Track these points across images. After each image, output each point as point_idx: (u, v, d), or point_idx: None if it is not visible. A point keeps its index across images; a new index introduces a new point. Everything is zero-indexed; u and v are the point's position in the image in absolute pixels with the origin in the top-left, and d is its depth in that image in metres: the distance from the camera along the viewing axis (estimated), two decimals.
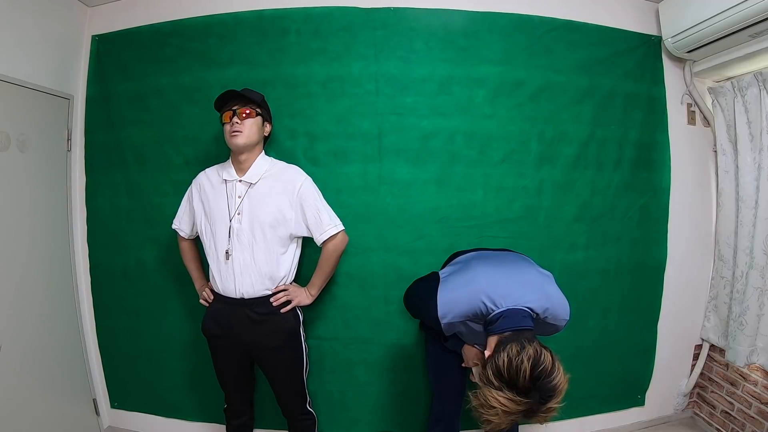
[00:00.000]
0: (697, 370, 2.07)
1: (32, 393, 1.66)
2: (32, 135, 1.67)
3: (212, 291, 1.53)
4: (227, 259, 1.41)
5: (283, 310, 1.48)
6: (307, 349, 1.58)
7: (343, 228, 1.52)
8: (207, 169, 1.55)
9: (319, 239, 1.49)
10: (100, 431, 1.99)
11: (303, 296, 1.54)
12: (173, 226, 1.60)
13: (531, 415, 0.98)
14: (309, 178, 1.52)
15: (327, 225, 1.48)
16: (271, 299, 1.46)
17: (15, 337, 1.58)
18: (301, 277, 1.62)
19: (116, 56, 1.86)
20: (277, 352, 1.49)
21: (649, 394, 2.04)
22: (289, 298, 1.49)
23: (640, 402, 2.04)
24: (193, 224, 1.56)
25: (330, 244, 1.49)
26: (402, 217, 1.77)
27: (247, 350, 1.50)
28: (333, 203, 1.65)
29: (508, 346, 1.01)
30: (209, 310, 1.53)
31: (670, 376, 2.07)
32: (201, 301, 1.59)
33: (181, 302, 1.87)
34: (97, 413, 1.99)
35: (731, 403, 1.94)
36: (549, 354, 1.01)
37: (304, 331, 1.58)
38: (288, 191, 1.46)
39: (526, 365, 0.97)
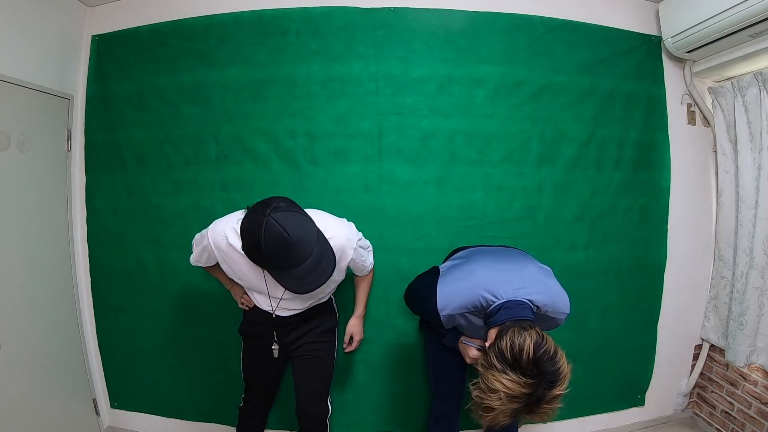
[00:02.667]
0: (697, 370, 2.07)
1: (32, 393, 1.66)
2: (32, 135, 1.67)
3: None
4: (273, 317, 1.39)
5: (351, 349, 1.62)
6: (337, 352, 1.58)
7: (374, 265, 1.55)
8: (226, 233, 1.21)
9: (361, 275, 1.52)
10: (100, 431, 1.99)
11: (360, 326, 1.63)
12: (193, 264, 1.40)
13: (535, 404, 0.95)
14: (355, 244, 1.31)
15: (369, 264, 1.48)
16: (346, 349, 1.60)
17: (15, 337, 1.58)
18: None
19: (116, 56, 1.86)
20: (315, 346, 1.48)
21: (649, 394, 2.04)
22: (359, 338, 1.61)
23: (640, 402, 2.04)
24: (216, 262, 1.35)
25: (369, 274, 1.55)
26: (402, 217, 1.77)
27: (287, 347, 1.46)
28: (333, 203, 1.66)
29: (510, 330, 1.01)
30: (248, 314, 1.51)
31: (670, 376, 2.07)
32: (241, 306, 1.53)
33: (182, 302, 1.86)
34: (97, 413, 1.99)
35: (731, 403, 1.94)
36: (551, 340, 1.00)
37: (338, 330, 1.60)
38: (340, 268, 1.31)
39: (529, 344, 0.96)
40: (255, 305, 1.44)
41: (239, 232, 1.14)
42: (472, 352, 1.28)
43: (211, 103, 1.78)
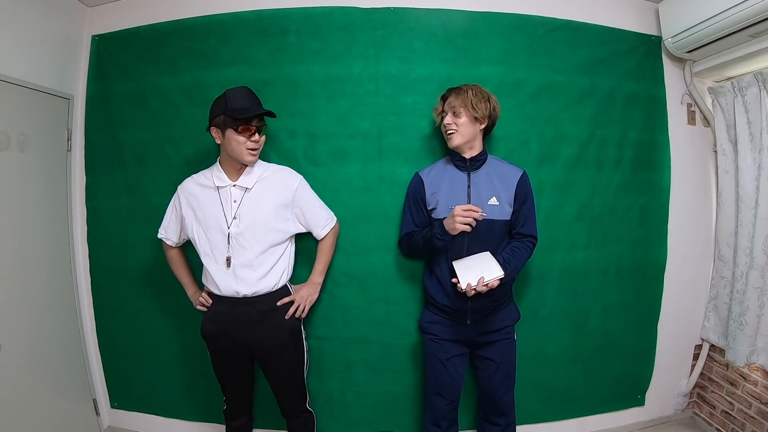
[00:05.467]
0: (697, 370, 2.07)
1: (32, 393, 1.66)
2: (32, 135, 1.67)
3: (209, 294, 1.53)
4: (228, 266, 1.42)
5: (304, 316, 1.55)
6: (308, 347, 1.59)
7: (336, 218, 1.64)
8: (193, 176, 1.53)
9: (320, 235, 1.57)
10: (100, 431, 1.99)
11: (311, 291, 1.59)
12: (159, 236, 1.59)
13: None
14: (302, 178, 1.55)
15: (326, 221, 1.57)
16: (286, 316, 1.49)
17: (15, 337, 1.58)
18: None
19: (116, 56, 1.86)
20: (278, 350, 1.49)
21: (649, 394, 2.04)
22: (301, 305, 1.53)
23: (640, 402, 2.05)
24: (181, 232, 1.55)
25: (329, 235, 1.59)
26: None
27: (249, 350, 1.50)
28: (333, 203, 1.66)
29: None
30: (208, 312, 1.52)
31: (670, 376, 2.07)
32: (198, 307, 1.57)
33: (181, 302, 1.85)
34: (97, 413, 1.99)
35: (731, 403, 1.94)
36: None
37: (305, 328, 1.59)
38: (285, 193, 1.48)
39: None
40: (213, 302, 1.50)
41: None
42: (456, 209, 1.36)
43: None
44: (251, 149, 1.39)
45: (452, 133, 1.45)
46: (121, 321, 1.94)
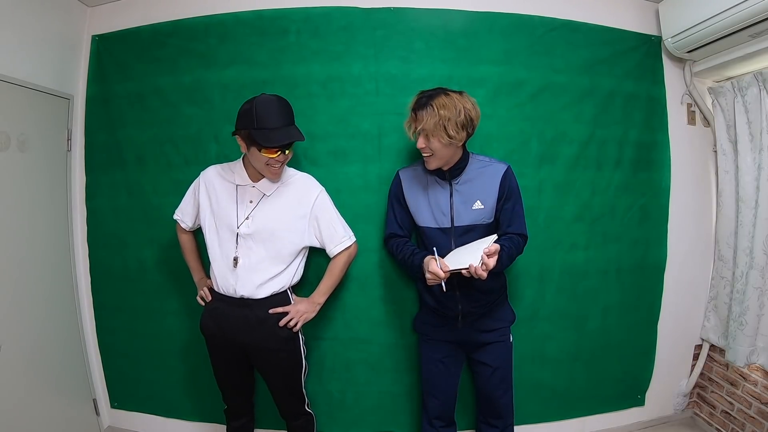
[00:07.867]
0: (697, 370, 2.07)
1: (32, 393, 1.66)
2: (32, 135, 1.68)
3: (210, 290, 1.52)
4: (235, 266, 1.40)
5: (295, 329, 1.48)
6: (306, 352, 1.57)
7: (355, 239, 1.54)
8: (217, 166, 1.51)
9: (332, 251, 1.50)
10: (100, 431, 1.99)
11: (309, 310, 1.51)
12: (175, 216, 1.57)
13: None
14: (323, 189, 1.51)
15: (342, 237, 1.50)
16: (279, 324, 1.45)
17: (15, 337, 1.58)
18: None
19: (116, 56, 1.86)
20: (274, 354, 1.48)
21: (649, 394, 2.04)
22: (295, 319, 1.47)
23: (640, 402, 2.05)
24: (196, 217, 1.53)
25: (343, 254, 1.51)
26: None
27: (244, 351, 1.49)
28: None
29: None
30: (207, 308, 1.52)
31: (670, 376, 2.07)
32: (198, 299, 1.57)
33: (181, 302, 1.87)
34: (97, 413, 1.99)
35: (731, 403, 1.94)
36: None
37: (303, 333, 1.58)
38: (303, 203, 1.45)
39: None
40: (213, 299, 1.49)
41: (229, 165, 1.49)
42: (432, 265, 1.28)
43: (211, 103, 1.78)
44: (274, 167, 1.36)
45: (428, 157, 1.36)
46: (121, 321, 1.94)
